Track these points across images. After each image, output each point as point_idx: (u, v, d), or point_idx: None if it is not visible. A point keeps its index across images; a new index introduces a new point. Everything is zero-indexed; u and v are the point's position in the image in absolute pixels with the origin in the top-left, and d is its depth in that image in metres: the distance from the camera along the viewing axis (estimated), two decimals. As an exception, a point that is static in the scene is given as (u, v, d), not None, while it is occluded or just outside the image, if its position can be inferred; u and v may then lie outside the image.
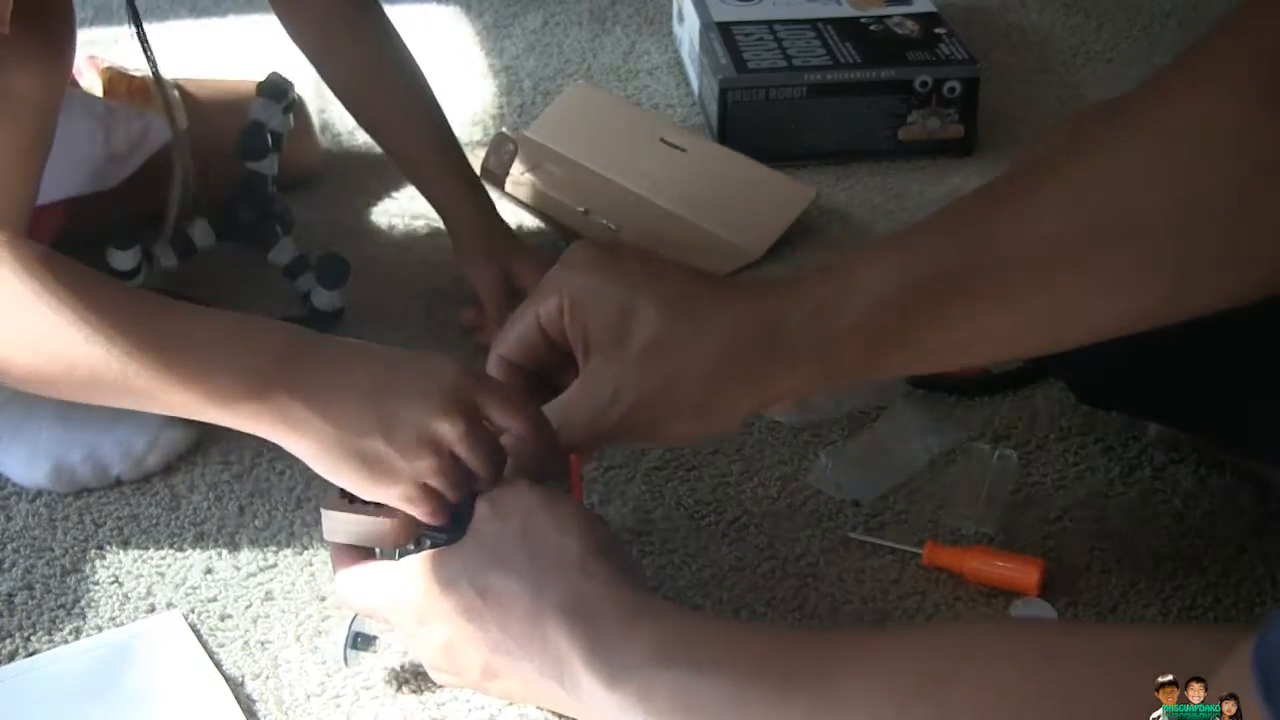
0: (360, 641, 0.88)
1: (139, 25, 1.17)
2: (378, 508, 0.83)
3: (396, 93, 1.25)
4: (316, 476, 1.05)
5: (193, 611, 0.95)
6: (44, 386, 0.83)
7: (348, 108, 1.29)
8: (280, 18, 1.24)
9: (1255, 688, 0.46)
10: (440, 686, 0.87)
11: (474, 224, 1.23)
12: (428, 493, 0.80)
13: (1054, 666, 0.59)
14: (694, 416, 0.81)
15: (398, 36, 1.25)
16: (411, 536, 0.84)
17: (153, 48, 1.18)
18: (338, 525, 0.85)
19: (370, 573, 0.84)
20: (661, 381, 0.80)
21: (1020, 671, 0.60)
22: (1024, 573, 0.95)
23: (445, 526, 0.83)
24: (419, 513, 0.82)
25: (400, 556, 0.84)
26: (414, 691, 0.89)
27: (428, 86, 1.25)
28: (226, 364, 0.79)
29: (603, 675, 0.71)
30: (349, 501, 0.84)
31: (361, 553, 0.86)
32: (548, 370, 0.87)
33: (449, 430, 0.78)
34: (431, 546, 0.83)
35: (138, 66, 1.32)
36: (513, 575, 0.76)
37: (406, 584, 0.81)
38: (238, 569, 0.98)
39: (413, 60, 1.25)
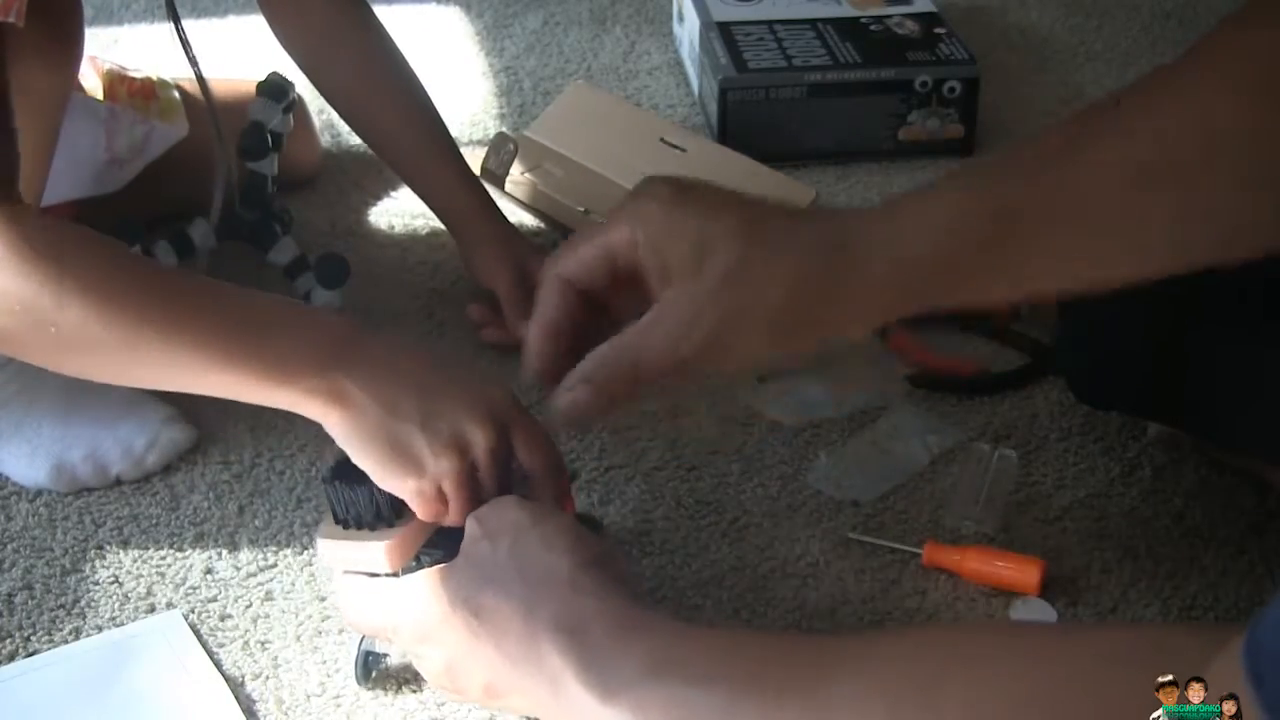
0: (371, 660, 0.89)
1: (178, 25, 1.17)
2: (371, 532, 0.83)
3: (393, 98, 1.24)
4: (316, 476, 1.05)
5: (193, 611, 0.95)
6: (108, 369, 0.85)
7: (343, 115, 1.28)
8: (272, 27, 1.24)
9: (1245, 678, 0.46)
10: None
11: (482, 225, 1.23)
12: (439, 496, 0.82)
13: (1045, 668, 0.59)
14: (770, 339, 0.80)
15: (391, 41, 1.25)
16: (406, 559, 0.84)
17: (194, 48, 1.18)
18: (331, 552, 0.86)
19: (370, 594, 0.84)
20: (739, 305, 0.78)
21: (1011, 673, 0.60)
22: (1024, 573, 0.95)
23: (441, 544, 0.83)
24: (423, 512, 0.83)
25: (403, 573, 0.84)
26: (414, 691, 0.89)
27: (423, 90, 1.25)
28: (290, 342, 0.82)
29: (597, 691, 0.71)
30: (343, 528, 0.84)
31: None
32: (594, 298, 0.85)
33: (481, 439, 0.81)
34: (431, 564, 0.83)
35: (136, 67, 1.32)
36: (504, 596, 0.76)
37: (405, 605, 0.81)
38: (238, 569, 0.98)
39: (407, 64, 1.25)
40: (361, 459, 0.82)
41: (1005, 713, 0.58)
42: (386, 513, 0.84)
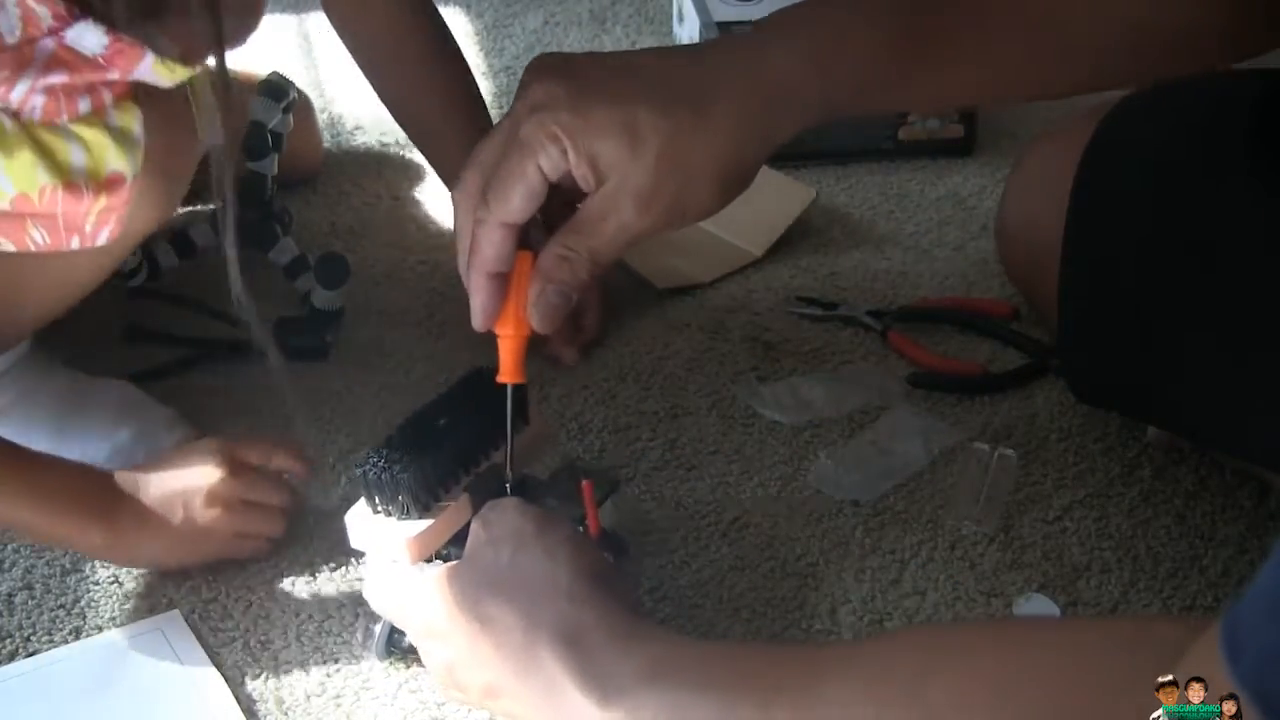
0: (396, 636, 0.90)
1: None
2: (397, 522, 0.84)
3: (425, 78, 1.22)
4: (316, 476, 1.06)
5: (193, 612, 0.95)
6: None
7: (372, 80, 1.25)
8: (332, 21, 1.22)
9: (1222, 654, 0.46)
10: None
11: None
12: (242, 539, 0.97)
13: (1031, 656, 0.60)
14: (716, 195, 0.79)
15: (437, 21, 1.22)
16: (427, 553, 0.85)
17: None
18: (358, 534, 0.87)
19: (391, 581, 0.85)
20: (683, 177, 0.77)
21: (995, 663, 0.60)
22: None
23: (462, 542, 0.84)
24: (247, 553, 0.98)
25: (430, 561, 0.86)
26: (413, 692, 0.89)
27: (456, 71, 1.23)
28: (60, 519, 0.93)
29: (595, 697, 0.72)
30: (373, 512, 0.85)
31: None
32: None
33: (224, 488, 0.95)
34: (456, 558, 0.84)
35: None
36: (507, 605, 0.77)
37: (417, 601, 0.82)
38: (238, 569, 0.98)
39: (445, 46, 1.22)
40: (183, 566, 0.97)
41: (990, 700, 0.59)
42: (413, 507, 0.85)
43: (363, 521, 0.86)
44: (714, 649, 0.76)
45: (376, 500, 0.85)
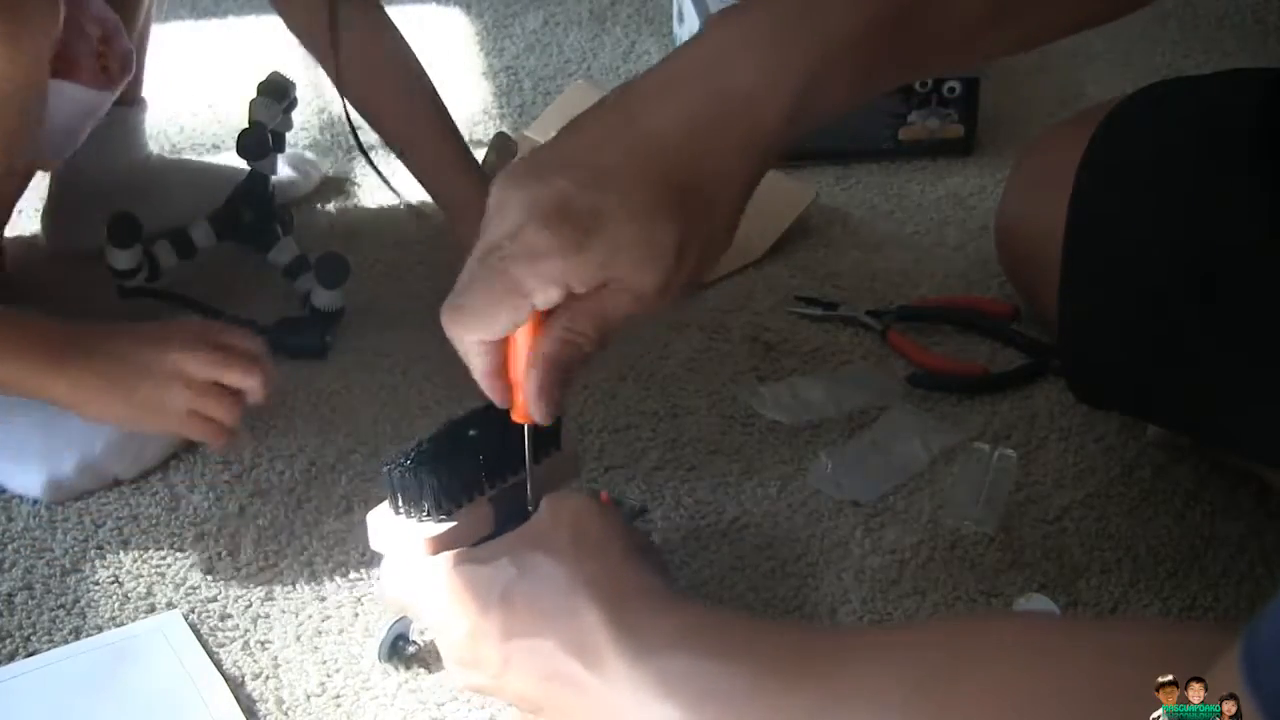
0: (400, 642, 0.90)
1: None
2: (418, 524, 0.84)
3: (400, 87, 1.23)
4: (317, 476, 1.06)
5: (193, 611, 0.95)
6: None
7: (353, 103, 1.27)
8: (280, 12, 1.23)
9: (1242, 676, 0.46)
10: (441, 687, 0.88)
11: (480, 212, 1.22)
12: (197, 419, 0.99)
13: (1059, 661, 0.59)
14: (726, 250, 0.79)
15: (399, 33, 1.24)
16: (447, 550, 0.85)
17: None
18: (378, 533, 0.87)
19: (406, 569, 0.85)
20: (699, 255, 0.76)
21: (1024, 666, 0.60)
22: None
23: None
24: (199, 434, 1.01)
25: None
26: (413, 691, 0.89)
27: (430, 83, 1.25)
28: (23, 367, 0.97)
29: (627, 654, 0.73)
30: (394, 513, 0.85)
31: None
32: None
33: (193, 363, 0.98)
34: None
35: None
36: (554, 556, 0.78)
37: (435, 583, 0.82)
38: (238, 569, 0.98)
39: (414, 57, 1.25)
40: (122, 425, 1.01)
41: (1016, 707, 0.59)
42: (434, 509, 0.85)
43: (384, 522, 0.86)
44: (747, 622, 0.77)
45: (399, 500, 0.85)
